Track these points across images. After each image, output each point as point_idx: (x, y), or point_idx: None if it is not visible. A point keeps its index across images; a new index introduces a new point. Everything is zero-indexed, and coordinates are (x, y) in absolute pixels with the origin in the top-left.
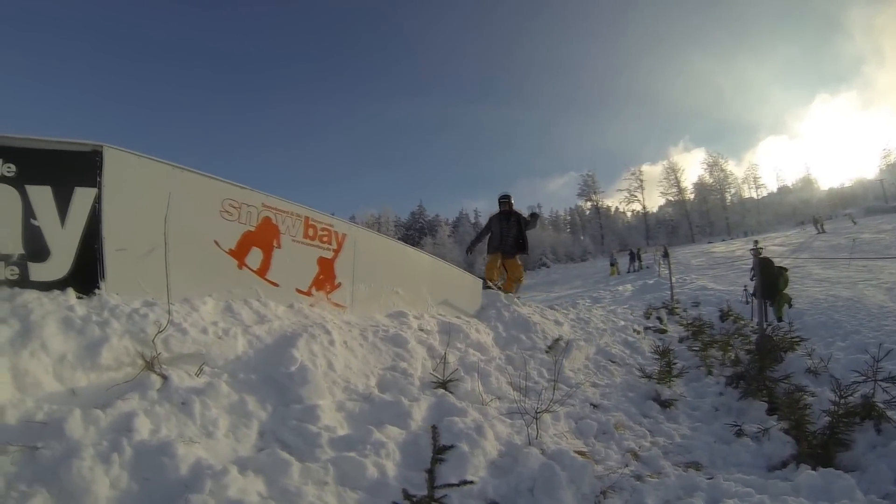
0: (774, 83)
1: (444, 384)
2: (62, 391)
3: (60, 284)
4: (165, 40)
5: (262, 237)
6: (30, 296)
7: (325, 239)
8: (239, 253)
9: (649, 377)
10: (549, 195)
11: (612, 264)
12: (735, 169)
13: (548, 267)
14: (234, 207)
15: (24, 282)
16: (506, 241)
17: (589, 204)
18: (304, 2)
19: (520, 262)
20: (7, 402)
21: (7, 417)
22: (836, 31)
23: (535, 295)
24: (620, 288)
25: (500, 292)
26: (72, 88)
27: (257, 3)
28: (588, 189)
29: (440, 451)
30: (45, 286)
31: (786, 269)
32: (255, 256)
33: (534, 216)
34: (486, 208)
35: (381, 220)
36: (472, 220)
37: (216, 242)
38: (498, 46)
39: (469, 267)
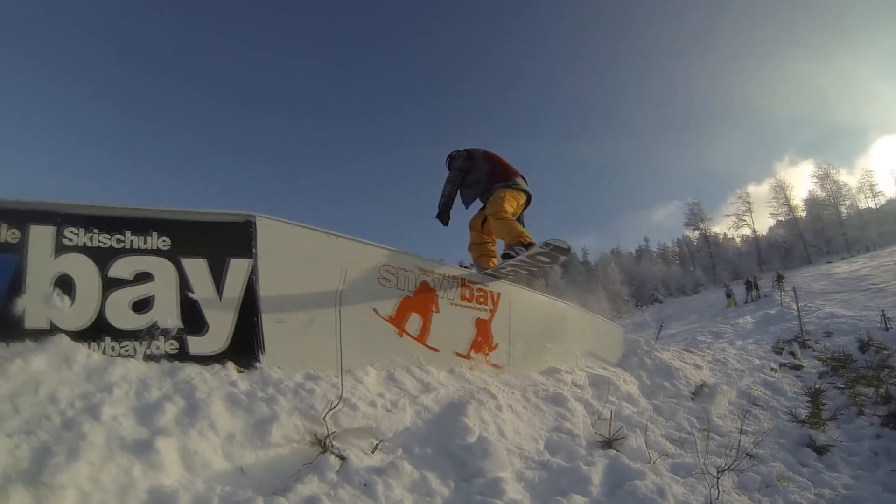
0: (879, 77)
1: (609, 443)
2: (230, 470)
3: (220, 358)
4: (276, 97)
5: (421, 302)
6: (191, 370)
7: (481, 300)
8: (398, 320)
9: (801, 422)
10: (654, 227)
11: (728, 295)
12: (848, 178)
13: (660, 302)
14: (391, 273)
15: (183, 356)
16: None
17: (696, 233)
18: (400, 53)
19: (494, 207)
20: (178, 485)
21: (180, 502)
22: None
23: (653, 332)
24: (741, 320)
25: (616, 326)
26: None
27: (355, 59)
28: (695, 217)
29: None
30: (205, 360)
31: None
32: (414, 322)
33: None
34: (594, 245)
35: None
36: (581, 259)
37: (375, 310)
38: (590, 79)
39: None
